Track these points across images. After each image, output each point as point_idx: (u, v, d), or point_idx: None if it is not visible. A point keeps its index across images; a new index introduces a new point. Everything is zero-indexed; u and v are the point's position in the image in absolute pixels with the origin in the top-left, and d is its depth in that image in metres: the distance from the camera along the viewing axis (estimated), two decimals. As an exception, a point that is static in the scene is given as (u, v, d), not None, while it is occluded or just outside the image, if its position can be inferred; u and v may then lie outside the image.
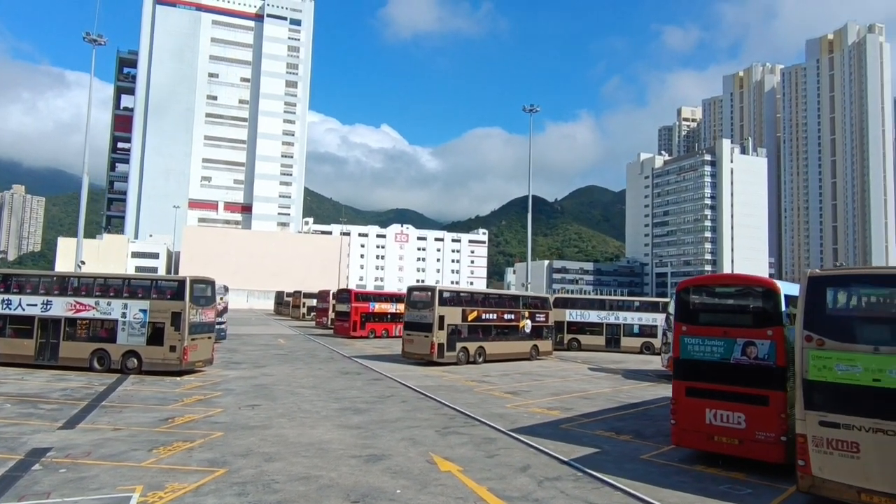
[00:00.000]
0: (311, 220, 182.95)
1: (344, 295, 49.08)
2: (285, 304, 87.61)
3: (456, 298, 31.87)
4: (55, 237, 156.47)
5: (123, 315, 24.05)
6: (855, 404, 9.78)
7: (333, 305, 53.28)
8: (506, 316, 33.92)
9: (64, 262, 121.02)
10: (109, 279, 26.04)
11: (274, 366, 28.41)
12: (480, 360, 32.07)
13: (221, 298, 40.22)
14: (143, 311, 23.92)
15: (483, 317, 32.44)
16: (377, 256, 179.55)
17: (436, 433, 15.03)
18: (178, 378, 23.31)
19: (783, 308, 12.16)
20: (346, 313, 47.95)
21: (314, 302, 67.28)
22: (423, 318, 30.47)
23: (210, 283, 26.12)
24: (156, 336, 23.79)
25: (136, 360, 23.86)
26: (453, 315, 30.77)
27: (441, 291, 30.61)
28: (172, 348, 23.57)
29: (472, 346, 31.75)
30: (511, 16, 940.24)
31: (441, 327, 30.06)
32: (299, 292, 78.09)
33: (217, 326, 39.17)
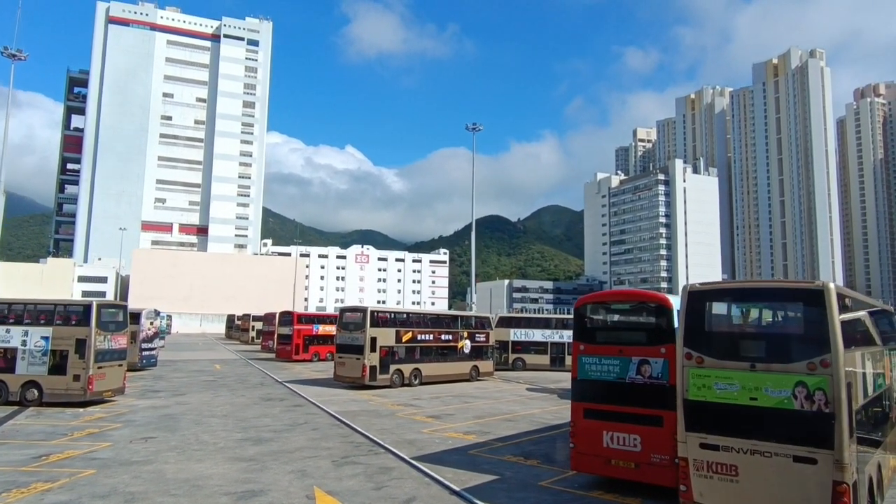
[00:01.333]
0: (269, 241, 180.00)
1: (286, 317, 47.72)
2: (236, 327, 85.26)
3: (389, 319, 31.08)
4: (2, 262, 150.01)
5: (24, 343, 22.53)
6: (733, 425, 9.36)
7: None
8: (443, 336, 33.20)
9: (2, 287, 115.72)
10: (13, 304, 24.49)
11: (194, 393, 27.05)
12: (416, 382, 31.23)
13: (152, 323, 38.65)
14: (45, 338, 22.45)
15: (419, 338, 31.68)
16: (338, 278, 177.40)
17: (332, 464, 14.14)
18: (82, 409, 21.87)
19: (677, 324, 11.78)
20: (288, 336, 46.62)
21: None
22: (354, 340, 29.56)
23: (121, 307, 24.78)
24: (59, 365, 22.33)
25: (36, 391, 22.31)
26: (386, 336, 29.95)
27: (373, 312, 29.80)
28: (76, 377, 22.14)
29: (407, 369, 30.92)
30: (476, 37, 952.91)
31: (373, 349, 29.19)
32: (248, 315, 76.04)
33: (146, 353, 37.70)
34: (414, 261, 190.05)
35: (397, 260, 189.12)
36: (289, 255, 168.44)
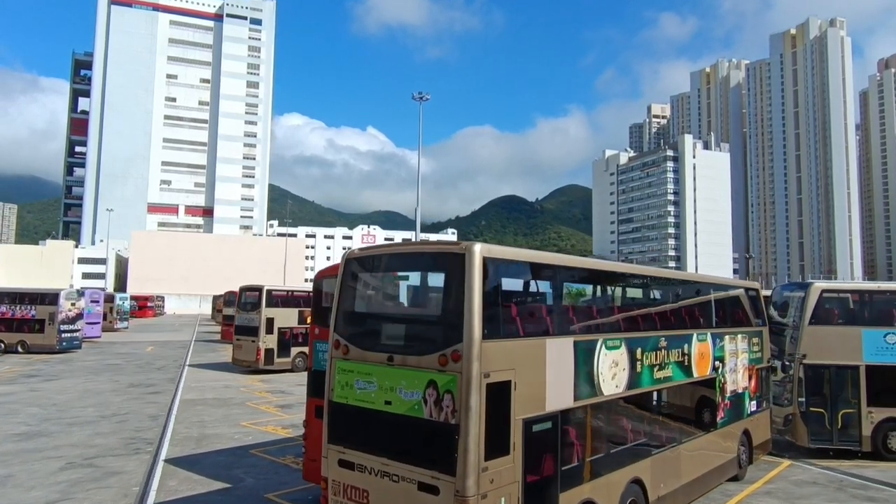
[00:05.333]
0: (275, 222, 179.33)
1: (230, 297, 45.94)
2: (216, 308, 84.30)
3: (290, 299, 29.01)
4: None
5: None
6: (368, 437, 7.05)
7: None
8: (359, 318, 31.04)
9: (6, 269, 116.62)
10: None
11: (71, 378, 25.35)
12: (325, 366, 29.16)
13: (73, 304, 37.15)
14: None
15: (328, 319, 29.55)
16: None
17: (60, 468, 12.10)
18: (-89, 396, 20.26)
19: None
20: (232, 317, 44.84)
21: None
22: (250, 322, 27.64)
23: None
24: None
25: None
26: (287, 317, 27.88)
27: (269, 291, 27.77)
28: None
29: (313, 352, 28.84)
30: (505, 7, 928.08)
31: (270, 331, 27.19)
32: (221, 296, 74.71)
33: (66, 335, 36.26)
34: (422, 241, 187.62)
35: (404, 240, 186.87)
36: (294, 235, 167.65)
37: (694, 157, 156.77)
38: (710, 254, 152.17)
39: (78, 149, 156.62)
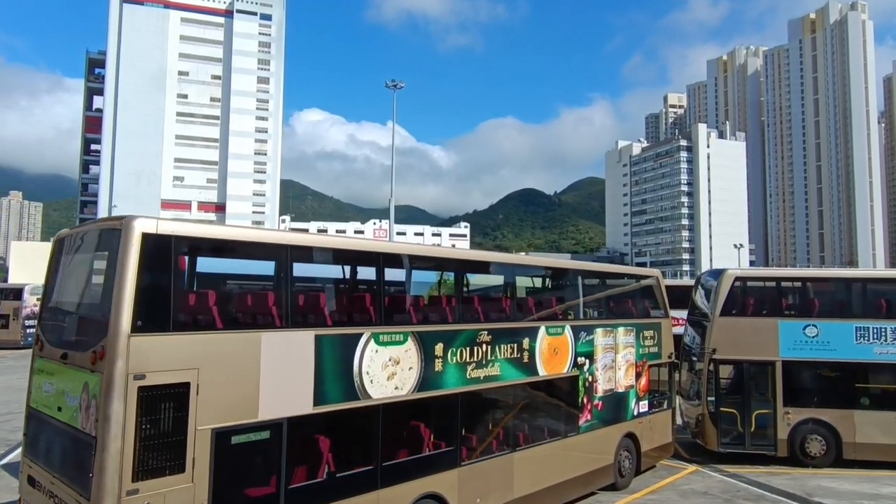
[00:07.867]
0: (287, 218, 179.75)
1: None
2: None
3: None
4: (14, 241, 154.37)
5: None
6: (45, 449, 6.02)
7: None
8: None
9: (19, 267, 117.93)
10: None
11: (4, 375, 24.84)
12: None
13: (38, 299, 36.75)
14: None
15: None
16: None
17: None
18: None
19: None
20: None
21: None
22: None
23: None
24: None
25: None
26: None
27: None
28: None
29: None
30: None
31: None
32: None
33: (32, 330, 35.90)
34: (433, 234, 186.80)
35: (416, 234, 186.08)
36: (306, 230, 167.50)
37: (708, 146, 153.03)
38: (726, 245, 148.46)
39: (93, 146, 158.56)
